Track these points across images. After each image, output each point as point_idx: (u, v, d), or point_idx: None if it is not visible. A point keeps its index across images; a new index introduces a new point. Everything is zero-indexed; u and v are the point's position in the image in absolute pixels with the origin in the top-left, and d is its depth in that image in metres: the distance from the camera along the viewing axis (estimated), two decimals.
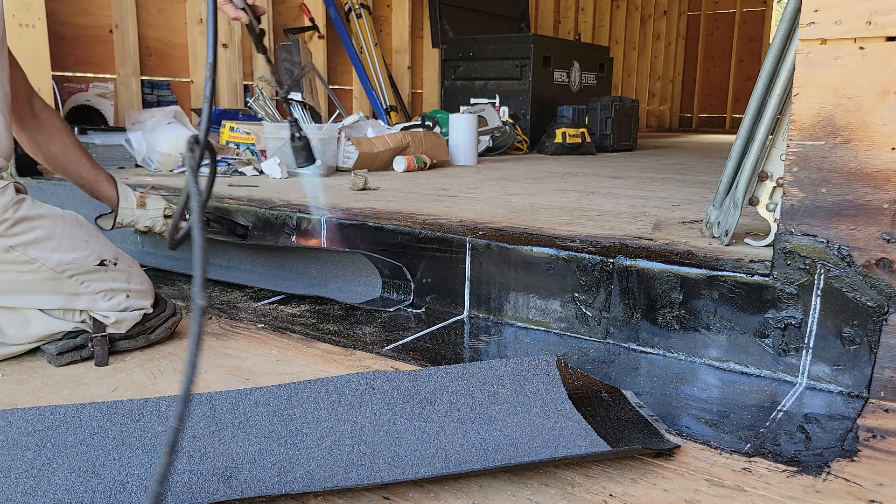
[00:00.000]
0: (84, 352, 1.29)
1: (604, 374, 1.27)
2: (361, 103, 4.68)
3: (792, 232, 1.21)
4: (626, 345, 1.40)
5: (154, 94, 3.52)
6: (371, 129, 3.40)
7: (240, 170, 2.85)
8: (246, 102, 3.71)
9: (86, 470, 0.87)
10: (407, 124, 3.81)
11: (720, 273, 1.29)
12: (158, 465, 0.62)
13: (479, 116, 4.17)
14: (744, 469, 0.94)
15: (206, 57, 0.84)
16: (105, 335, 1.30)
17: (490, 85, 4.81)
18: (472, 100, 4.84)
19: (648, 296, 1.36)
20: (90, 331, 1.29)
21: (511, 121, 4.53)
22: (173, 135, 2.81)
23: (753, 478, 0.92)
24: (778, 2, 8.98)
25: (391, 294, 1.72)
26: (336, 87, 4.61)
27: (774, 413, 1.11)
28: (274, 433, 0.96)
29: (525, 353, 1.38)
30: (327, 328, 1.51)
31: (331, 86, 4.47)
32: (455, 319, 1.58)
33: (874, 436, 1.04)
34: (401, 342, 1.43)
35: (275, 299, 1.73)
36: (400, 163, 3.17)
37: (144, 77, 3.49)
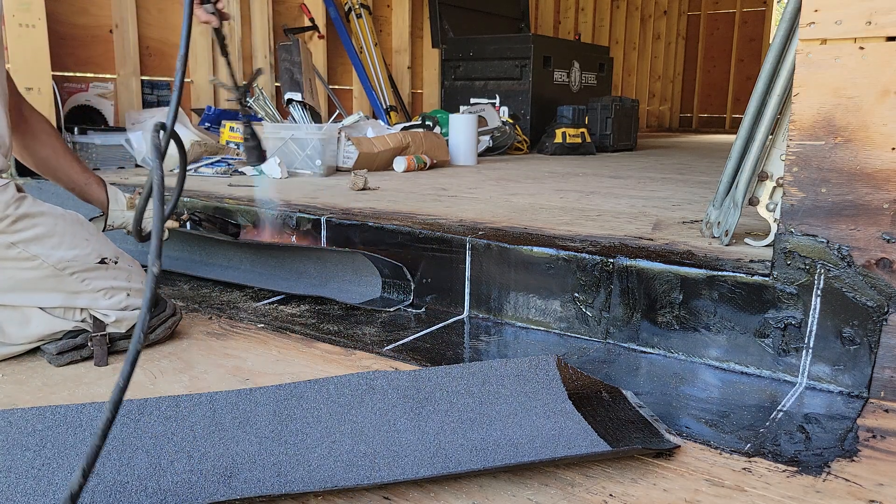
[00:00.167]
0: (84, 351, 1.29)
1: (604, 374, 1.27)
2: (361, 103, 4.68)
3: (792, 232, 1.21)
4: (626, 345, 1.40)
5: (154, 94, 3.52)
6: (371, 129, 3.40)
7: (240, 170, 2.85)
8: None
9: None
10: (407, 124, 3.81)
11: (720, 273, 1.29)
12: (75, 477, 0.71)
13: (479, 116, 4.17)
14: (744, 469, 0.94)
15: (179, 49, 0.88)
16: (105, 334, 1.30)
17: (490, 85, 4.81)
18: (472, 100, 4.84)
19: (648, 296, 1.36)
20: (90, 330, 1.29)
21: (511, 121, 4.53)
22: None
23: (753, 478, 0.92)
24: (778, 2, 8.98)
25: (391, 294, 1.72)
26: (336, 87, 4.61)
27: (774, 413, 1.11)
28: (274, 433, 0.96)
29: (525, 353, 1.38)
30: (327, 328, 1.51)
31: (331, 86, 4.47)
32: (455, 319, 1.58)
33: (874, 436, 1.04)
34: (401, 342, 1.43)
35: (275, 299, 1.73)
36: (400, 163, 3.17)
37: (144, 77, 3.49)
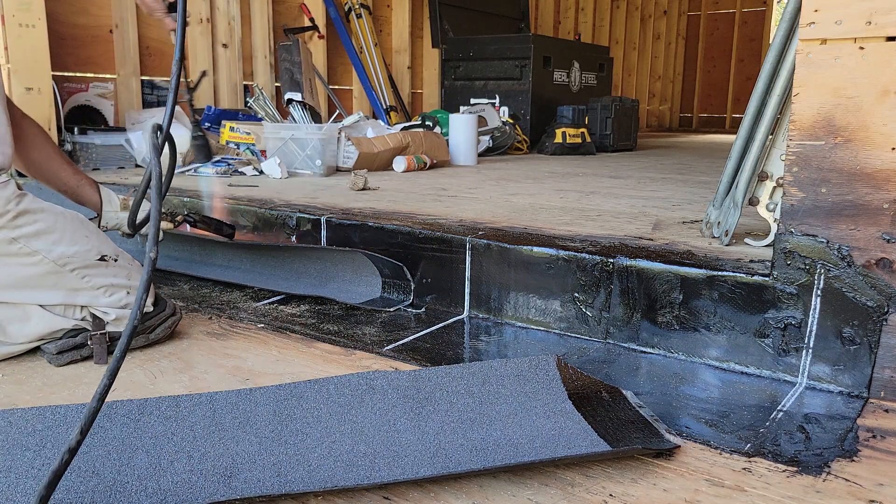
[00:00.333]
0: (84, 351, 1.29)
1: (604, 374, 1.27)
2: (361, 103, 4.68)
3: (792, 232, 1.21)
4: (626, 345, 1.40)
5: (154, 94, 3.52)
6: (371, 129, 3.40)
7: (240, 170, 2.85)
8: (246, 102, 3.71)
9: (86, 470, 0.87)
10: (407, 124, 3.81)
11: (720, 273, 1.29)
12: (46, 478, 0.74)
13: (479, 116, 4.17)
14: (744, 469, 0.94)
15: (174, 53, 0.90)
16: (105, 333, 1.30)
17: (490, 85, 4.81)
18: (472, 100, 4.84)
19: (648, 296, 1.36)
20: (90, 329, 1.29)
21: (511, 121, 4.53)
22: (173, 135, 2.82)
23: (753, 478, 0.92)
24: (778, 2, 8.97)
25: (391, 294, 1.72)
26: (336, 87, 4.61)
27: (774, 413, 1.11)
28: (274, 433, 0.96)
29: (525, 353, 1.38)
30: (327, 328, 1.51)
31: (331, 86, 4.47)
32: (455, 319, 1.58)
33: (874, 436, 1.04)
34: (401, 342, 1.43)
35: (275, 299, 1.73)
36: (400, 163, 3.17)
37: (144, 77, 3.48)
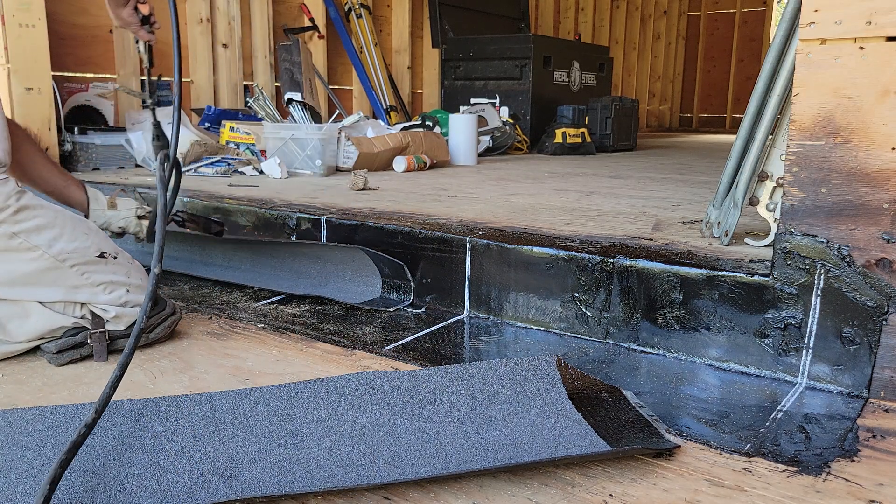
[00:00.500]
0: (84, 349, 1.29)
1: (604, 374, 1.27)
2: (361, 103, 4.68)
3: (792, 232, 1.21)
4: (626, 345, 1.40)
5: (154, 95, 3.52)
6: (371, 129, 3.40)
7: (240, 170, 2.85)
8: (246, 102, 3.71)
9: (86, 470, 0.87)
10: (407, 124, 3.81)
11: (720, 273, 1.29)
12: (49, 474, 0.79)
13: (479, 116, 4.17)
14: (744, 469, 0.94)
15: (174, 82, 0.94)
16: (104, 331, 1.30)
17: (490, 85, 4.80)
18: (472, 100, 4.84)
19: (648, 296, 1.36)
20: (89, 327, 1.29)
21: (511, 121, 4.53)
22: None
23: (753, 478, 0.92)
24: (778, 2, 8.97)
25: (391, 294, 1.72)
26: (336, 87, 4.61)
27: (774, 413, 1.11)
28: (274, 433, 0.96)
29: (525, 353, 1.38)
30: (327, 328, 1.51)
31: (331, 86, 4.47)
32: (455, 319, 1.58)
33: (874, 436, 1.04)
34: (401, 342, 1.43)
35: (275, 299, 1.73)
36: (400, 163, 3.17)
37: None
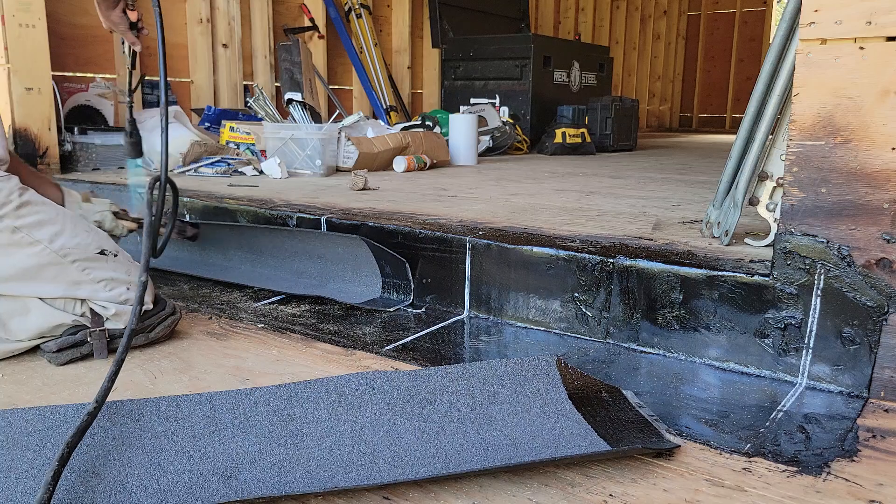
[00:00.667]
0: (84, 348, 1.29)
1: (604, 374, 1.27)
2: (361, 103, 4.68)
3: (792, 232, 1.21)
4: (627, 345, 1.40)
5: (154, 94, 3.52)
6: (371, 129, 3.40)
7: (240, 170, 2.85)
8: (246, 102, 3.71)
9: (86, 470, 0.87)
10: (407, 124, 3.81)
11: (720, 273, 1.29)
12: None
13: (479, 116, 4.17)
14: (744, 469, 0.94)
15: (159, 103, 0.95)
16: (104, 329, 1.30)
17: (490, 85, 4.80)
18: (472, 100, 4.84)
19: (648, 296, 1.36)
20: (89, 325, 1.29)
21: (511, 121, 4.53)
22: (173, 135, 2.82)
23: (753, 478, 0.92)
24: (778, 2, 8.98)
25: (391, 294, 1.72)
26: (336, 87, 4.61)
27: (774, 413, 1.11)
28: (274, 433, 0.96)
29: (525, 353, 1.38)
30: (327, 328, 1.51)
31: (331, 86, 4.47)
32: (455, 319, 1.58)
33: (874, 436, 1.04)
34: (401, 342, 1.43)
35: (275, 299, 1.73)
36: (400, 163, 3.17)
37: (144, 77, 3.49)
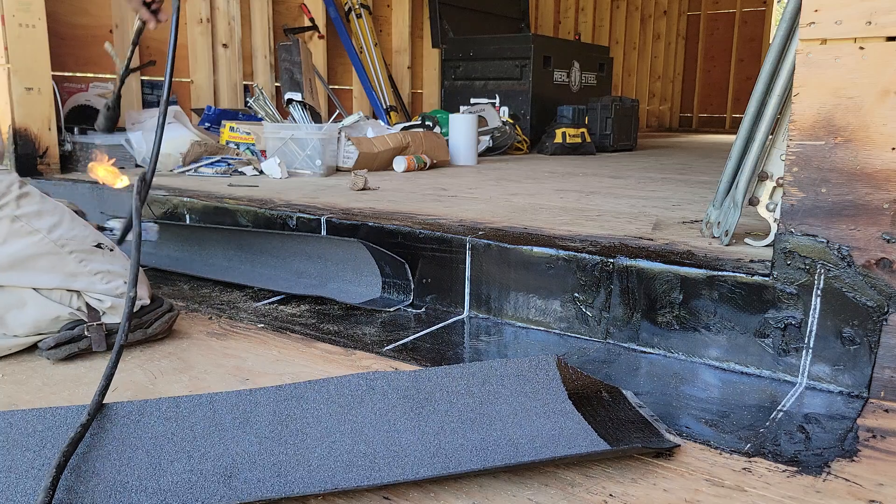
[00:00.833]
0: (81, 343, 1.29)
1: (604, 374, 1.27)
2: (361, 103, 4.68)
3: (792, 232, 1.21)
4: (627, 345, 1.40)
5: (154, 94, 3.53)
6: (371, 129, 3.40)
7: (240, 170, 2.85)
8: (246, 102, 3.71)
9: (86, 470, 0.87)
10: (407, 124, 3.81)
11: (720, 273, 1.29)
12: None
13: (479, 116, 4.17)
14: (744, 469, 0.94)
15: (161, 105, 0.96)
16: (101, 323, 1.30)
17: (490, 85, 4.81)
18: (472, 100, 4.84)
19: (648, 296, 1.36)
20: (86, 320, 1.29)
21: (511, 121, 4.53)
22: (173, 135, 2.81)
23: (753, 478, 0.92)
24: (778, 2, 8.98)
25: (391, 294, 1.72)
26: (336, 87, 4.61)
27: (774, 413, 1.11)
28: (274, 433, 0.96)
29: (525, 353, 1.38)
30: (327, 328, 1.51)
31: (331, 86, 4.47)
32: (455, 319, 1.58)
33: (874, 436, 1.04)
34: (401, 342, 1.43)
35: (275, 299, 1.73)
36: (400, 163, 3.17)
37: (144, 77, 3.49)
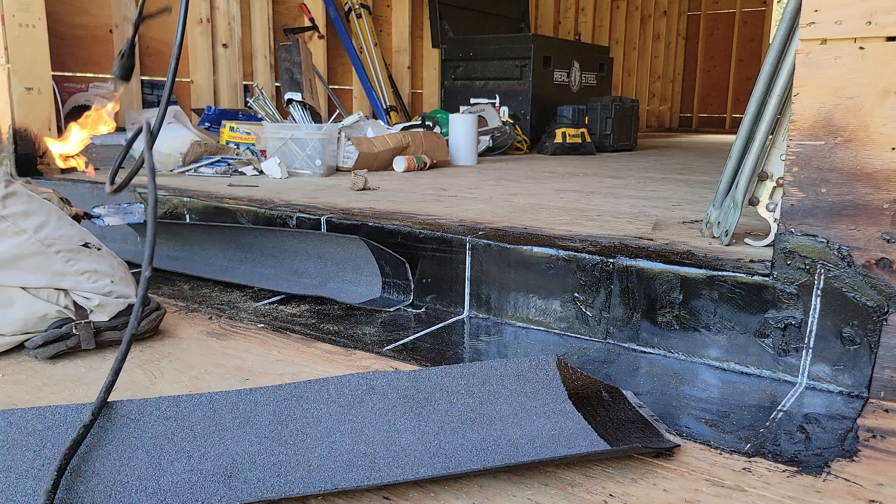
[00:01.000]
0: (70, 341, 1.29)
1: (604, 374, 1.27)
2: (361, 103, 4.68)
3: (792, 232, 1.21)
4: (627, 345, 1.40)
5: (154, 94, 3.53)
6: (371, 129, 3.40)
7: (240, 170, 2.85)
8: (246, 102, 3.71)
9: (86, 470, 0.87)
10: (407, 124, 3.81)
11: (720, 273, 1.29)
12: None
13: (479, 116, 4.17)
14: (744, 469, 0.94)
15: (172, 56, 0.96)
16: (89, 322, 1.30)
17: (490, 85, 4.81)
18: (472, 100, 4.84)
19: (648, 296, 1.36)
20: (74, 318, 1.29)
21: (511, 121, 4.53)
22: (173, 135, 2.82)
23: (753, 478, 0.92)
24: (778, 2, 8.98)
25: (391, 294, 1.72)
26: (336, 87, 4.61)
27: (774, 413, 1.11)
28: (274, 433, 0.96)
29: (525, 353, 1.38)
30: (327, 328, 1.51)
31: (331, 86, 4.47)
32: (455, 319, 1.58)
33: (874, 436, 1.04)
34: (401, 342, 1.43)
35: (275, 299, 1.73)
36: (400, 163, 3.17)
37: (144, 77, 3.49)
